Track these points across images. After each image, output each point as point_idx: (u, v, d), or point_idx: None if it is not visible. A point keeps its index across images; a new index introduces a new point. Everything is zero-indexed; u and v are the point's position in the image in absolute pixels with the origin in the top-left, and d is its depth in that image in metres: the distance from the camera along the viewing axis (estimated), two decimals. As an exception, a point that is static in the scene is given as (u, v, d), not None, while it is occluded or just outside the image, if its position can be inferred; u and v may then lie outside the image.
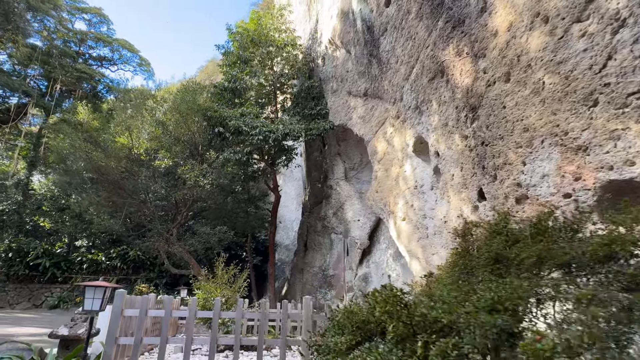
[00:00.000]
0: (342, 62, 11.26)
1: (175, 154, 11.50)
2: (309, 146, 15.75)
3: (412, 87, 7.17)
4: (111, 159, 10.87)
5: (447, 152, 6.15)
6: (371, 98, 9.75)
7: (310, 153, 15.93)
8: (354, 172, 12.96)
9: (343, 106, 11.54)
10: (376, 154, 9.44)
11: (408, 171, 7.78)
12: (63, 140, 11.09)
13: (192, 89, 11.66)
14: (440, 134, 6.29)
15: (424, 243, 7.01)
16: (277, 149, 13.90)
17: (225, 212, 14.23)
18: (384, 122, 9.03)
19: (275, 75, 13.77)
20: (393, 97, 8.26)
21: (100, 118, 11.53)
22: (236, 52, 12.99)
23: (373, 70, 9.04)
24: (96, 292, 4.18)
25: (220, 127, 11.31)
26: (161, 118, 11.75)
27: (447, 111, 5.97)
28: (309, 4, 15.97)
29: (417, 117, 7.27)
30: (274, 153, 13.96)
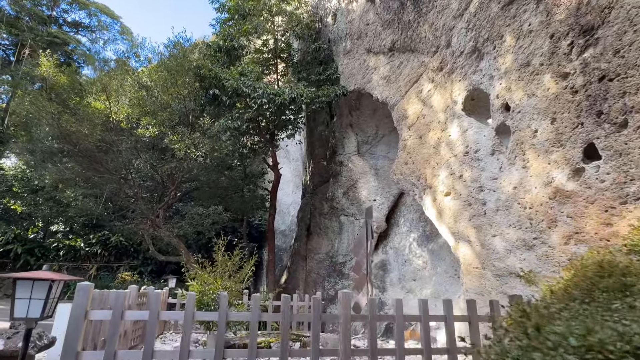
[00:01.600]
0: (360, 14, 9.60)
1: (161, 121, 9.76)
2: (312, 120, 14.09)
3: (469, 24, 5.62)
4: (84, 124, 9.01)
5: (526, 102, 4.65)
6: (399, 52, 8.18)
7: (313, 128, 14.28)
8: (368, 146, 11.43)
9: (360, 67, 9.93)
10: (405, 118, 7.91)
11: (454, 135, 6.29)
12: (22, 98, 9.13)
13: (182, 46, 9.87)
14: (516, 78, 4.79)
15: (480, 222, 5.58)
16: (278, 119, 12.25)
17: (219, 191, 12.56)
18: (418, 79, 7.49)
19: (278, 34, 11.99)
20: (435, 45, 6.70)
21: (69, 74, 9.63)
22: (234, 5, 11.14)
23: (406, 16, 7.44)
24: (35, 290, 2.59)
25: (216, 89, 9.57)
26: (145, 80, 9.95)
27: (533, 44, 4.46)
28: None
29: (473, 64, 5.76)
30: (275, 124, 12.29)
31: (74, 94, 9.61)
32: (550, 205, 4.32)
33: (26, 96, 8.84)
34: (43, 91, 8.69)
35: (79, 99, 9.78)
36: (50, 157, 10.29)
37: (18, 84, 9.78)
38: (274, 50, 13.05)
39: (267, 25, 11.31)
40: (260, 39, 13.17)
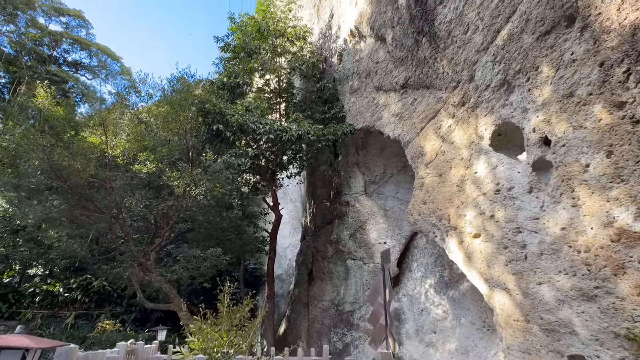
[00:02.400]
0: (368, 53, 9.58)
1: (160, 157, 9.24)
2: (314, 159, 13.72)
3: (496, 57, 5.42)
4: (77, 159, 8.41)
5: (571, 135, 4.29)
6: (413, 89, 8.00)
7: (315, 167, 13.90)
8: (375, 186, 10.99)
9: (369, 105, 9.74)
10: (422, 156, 7.54)
11: (482, 172, 5.88)
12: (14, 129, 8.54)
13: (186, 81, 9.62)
14: (557, 110, 4.47)
15: (520, 268, 4.99)
16: (280, 158, 11.85)
17: (217, 232, 11.77)
18: (435, 115, 7.22)
19: (281, 73, 11.94)
20: (455, 80, 6.49)
21: (66, 106, 9.18)
22: (239, 44, 11.13)
23: (421, 53, 7.32)
24: None
25: (219, 124, 9.20)
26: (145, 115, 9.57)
27: (578, 74, 4.18)
28: (316, 4, 14.58)
29: (502, 98, 5.48)
30: (277, 163, 11.87)
31: (69, 127, 9.13)
32: (614, 249, 3.80)
33: (18, 128, 8.31)
34: (37, 123, 8.20)
35: (74, 133, 9.28)
36: (36, 194, 9.53)
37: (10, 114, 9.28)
38: (276, 89, 12.97)
39: (272, 64, 11.25)
40: (263, 79, 13.14)
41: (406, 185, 10.51)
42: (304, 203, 16.87)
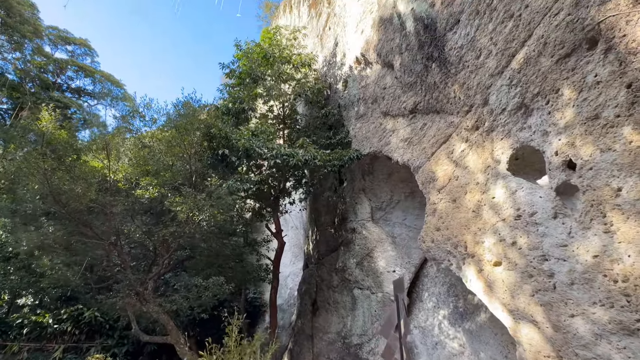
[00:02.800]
0: (375, 79, 9.63)
1: (163, 182, 9.02)
2: (319, 185, 13.55)
3: (512, 80, 5.36)
4: (79, 183, 8.17)
5: (599, 158, 4.14)
6: (422, 114, 7.95)
7: (318, 194, 13.68)
8: (382, 212, 10.75)
9: (376, 130, 9.68)
10: (434, 181, 7.38)
11: (500, 197, 5.69)
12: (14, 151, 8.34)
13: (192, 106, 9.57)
14: (582, 132, 4.34)
15: (549, 299, 4.71)
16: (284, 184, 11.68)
17: (219, 260, 11.33)
18: (447, 139, 7.12)
19: (286, 99, 11.97)
20: (467, 104, 6.43)
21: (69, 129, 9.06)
22: (245, 70, 11.21)
23: (431, 78, 7.32)
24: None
25: (225, 149, 9.07)
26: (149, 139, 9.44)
27: (603, 96, 4.08)
28: (320, 34, 14.91)
29: (519, 121, 5.38)
30: (280, 189, 11.68)
31: (72, 150, 8.96)
32: (657, 277, 3.56)
33: (20, 151, 8.14)
34: (39, 146, 8.03)
35: (76, 157, 9.11)
36: (33, 220, 9.20)
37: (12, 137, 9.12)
38: (279, 115, 12.99)
39: (277, 90, 11.29)
40: (266, 104, 13.18)
41: (414, 211, 10.29)
42: (306, 230, 16.53)
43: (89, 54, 23.85)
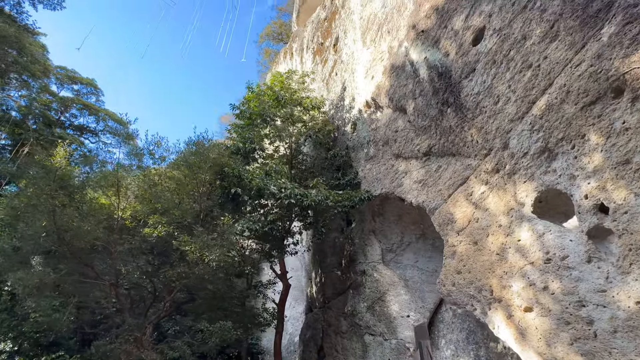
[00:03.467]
0: (386, 122, 9.88)
1: (173, 220, 8.81)
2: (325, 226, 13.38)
3: (534, 125, 5.53)
4: (88, 220, 7.92)
5: (634, 202, 4.18)
6: (437, 157, 8.08)
7: (325, 234, 13.49)
8: (392, 254, 10.57)
9: (387, 172, 9.77)
10: (452, 222, 7.34)
11: (526, 240, 5.65)
12: (26, 188, 8.08)
13: (204, 145, 9.62)
14: (613, 177, 4.42)
15: (590, 347, 4.53)
16: (290, 225, 11.53)
17: (225, 302, 10.77)
18: (465, 181, 7.19)
19: (294, 140, 12.15)
20: (486, 148, 6.57)
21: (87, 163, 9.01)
22: (257, 110, 11.45)
23: (446, 122, 7.53)
24: None
25: (238, 187, 9.01)
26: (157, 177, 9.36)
27: (633, 142, 4.20)
28: (326, 79, 15.49)
29: (543, 165, 5.47)
30: (287, 230, 11.50)
31: (82, 188, 8.79)
32: None
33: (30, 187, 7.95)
34: (50, 181, 7.86)
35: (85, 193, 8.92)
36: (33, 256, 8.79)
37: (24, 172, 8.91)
38: (285, 155, 13.11)
39: (287, 131, 11.49)
40: (272, 145, 13.33)
41: (426, 253, 10.15)
42: (308, 272, 16.11)
43: (95, 93, 24.33)
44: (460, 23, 7.08)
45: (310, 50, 19.65)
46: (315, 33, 19.54)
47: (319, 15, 20.07)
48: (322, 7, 20.24)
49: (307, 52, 21.12)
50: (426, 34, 8.06)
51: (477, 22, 6.64)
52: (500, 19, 6.13)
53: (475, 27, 6.68)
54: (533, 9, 5.51)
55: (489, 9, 6.40)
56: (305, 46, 22.34)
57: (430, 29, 7.92)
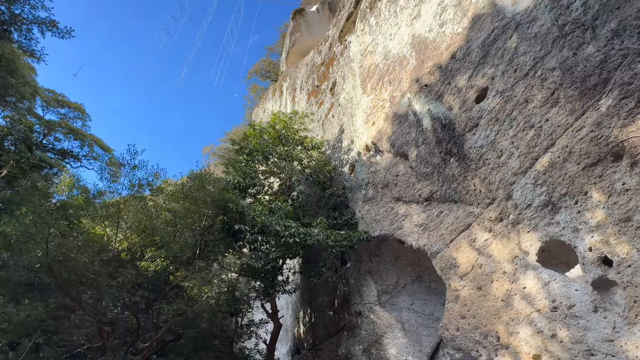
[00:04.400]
0: (386, 166, 10.29)
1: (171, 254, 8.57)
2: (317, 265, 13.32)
3: (537, 180, 6.00)
4: (85, 252, 7.57)
5: (636, 256, 4.59)
6: (439, 202, 8.46)
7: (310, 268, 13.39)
8: (388, 296, 10.63)
9: (387, 214, 10.06)
10: (455, 267, 7.60)
11: (531, 288, 5.95)
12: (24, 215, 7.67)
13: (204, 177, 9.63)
14: (615, 232, 4.85)
15: (600, 396, 4.72)
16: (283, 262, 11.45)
17: (216, 341, 10.24)
18: (467, 227, 7.54)
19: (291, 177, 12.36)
20: (489, 197, 6.99)
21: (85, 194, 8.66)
22: (259, 148, 11.67)
23: (449, 170, 7.99)
24: None
25: (240, 224, 8.99)
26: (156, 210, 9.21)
27: (633, 202, 4.68)
28: (322, 120, 16.04)
29: (546, 217, 5.90)
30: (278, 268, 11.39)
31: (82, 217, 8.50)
32: None
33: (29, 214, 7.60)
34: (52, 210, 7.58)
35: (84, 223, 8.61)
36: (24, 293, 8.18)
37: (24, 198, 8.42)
38: (281, 191, 13.25)
39: (288, 169, 11.72)
40: (267, 180, 13.48)
41: (422, 296, 10.28)
42: (295, 311, 15.75)
43: (82, 118, 23.92)
44: (464, 82, 7.74)
45: (305, 91, 20.39)
46: (310, 75, 20.43)
47: (313, 59, 21.09)
48: (317, 52, 21.33)
49: (301, 92, 21.89)
50: (429, 88, 8.71)
51: (480, 83, 7.29)
52: (502, 82, 6.78)
53: (479, 87, 7.32)
54: (534, 77, 6.16)
55: (491, 72, 7.07)
56: (299, 87, 23.19)
57: (434, 84, 8.57)
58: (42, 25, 12.63)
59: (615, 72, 4.96)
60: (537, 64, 6.10)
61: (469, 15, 7.82)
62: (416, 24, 9.83)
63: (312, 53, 22.25)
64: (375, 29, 12.39)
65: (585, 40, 5.36)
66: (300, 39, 48.44)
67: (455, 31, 8.17)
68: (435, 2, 9.09)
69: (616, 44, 4.96)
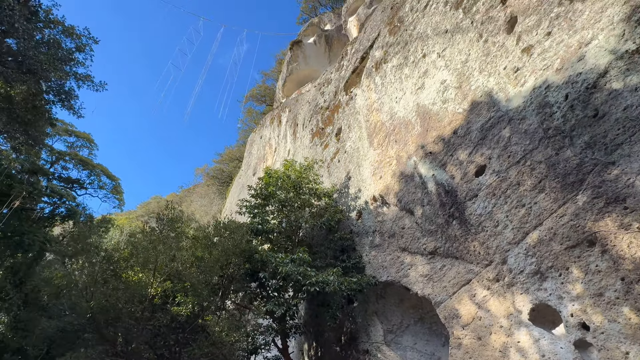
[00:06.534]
0: (393, 218, 11.49)
1: (200, 300, 9.43)
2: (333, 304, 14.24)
3: (528, 251, 7.26)
4: (134, 299, 8.35)
5: (608, 326, 5.83)
6: (442, 257, 9.65)
7: (323, 311, 14.34)
8: (392, 335, 11.65)
9: (393, 262, 11.20)
10: (457, 317, 8.74)
11: (524, 342, 7.13)
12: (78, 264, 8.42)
13: (232, 226, 10.64)
14: (591, 304, 6.10)
15: None
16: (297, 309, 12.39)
17: None
18: (468, 282, 8.73)
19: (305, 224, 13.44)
20: (487, 260, 8.22)
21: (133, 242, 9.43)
22: (278, 197, 12.78)
23: (451, 231, 9.22)
24: None
25: (264, 271, 9.98)
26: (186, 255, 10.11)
27: (604, 281, 5.95)
28: (327, 163, 17.25)
29: (536, 283, 7.13)
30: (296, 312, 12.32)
31: (126, 267, 9.34)
32: None
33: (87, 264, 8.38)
34: (104, 260, 8.39)
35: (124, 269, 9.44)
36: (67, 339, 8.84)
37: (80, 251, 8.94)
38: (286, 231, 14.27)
39: (302, 216, 12.81)
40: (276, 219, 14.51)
41: (424, 337, 11.34)
42: (300, 343, 16.53)
43: (89, 147, 24.71)
44: (465, 156, 9.08)
45: (309, 130, 21.64)
46: (314, 116, 21.70)
47: (316, 101, 22.47)
48: (320, 93, 22.78)
49: (304, 130, 23.12)
50: (434, 155, 10.03)
51: (479, 160, 8.63)
52: (498, 164, 8.12)
53: (478, 164, 8.65)
54: (525, 165, 7.51)
55: (489, 153, 8.42)
56: (301, 123, 24.48)
57: (438, 153, 9.91)
58: (80, 80, 13.62)
59: (589, 176, 6.31)
60: (527, 154, 7.46)
61: (468, 99, 9.23)
62: (420, 94, 11.24)
63: (315, 94, 23.66)
64: (381, 89, 13.82)
65: (564, 144, 6.74)
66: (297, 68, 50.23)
67: (456, 110, 9.57)
68: (438, 79, 10.53)
69: (589, 154, 6.33)
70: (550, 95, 7.04)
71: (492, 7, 9.03)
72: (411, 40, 12.47)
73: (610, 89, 6.08)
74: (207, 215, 63.39)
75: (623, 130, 5.86)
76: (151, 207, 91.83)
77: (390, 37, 13.91)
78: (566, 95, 6.73)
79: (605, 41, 6.23)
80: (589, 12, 6.63)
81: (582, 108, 6.45)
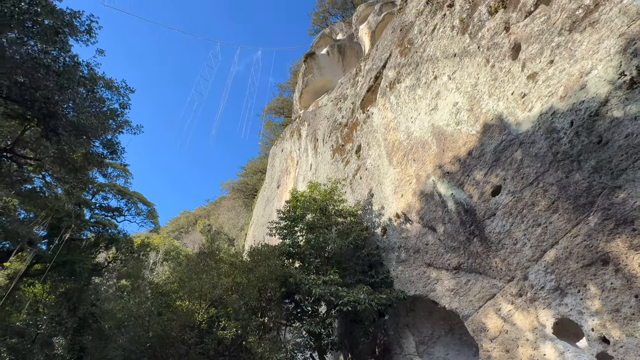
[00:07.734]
0: (417, 234, 12.02)
1: (242, 324, 10.31)
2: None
3: (547, 269, 7.68)
4: (186, 327, 9.38)
5: (626, 340, 6.22)
6: (466, 272, 10.12)
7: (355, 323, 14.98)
8: (424, 346, 12.16)
9: (420, 277, 11.73)
10: (485, 331, 9.20)
11: (550, 355, 7.54)
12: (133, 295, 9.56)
13: (265, 251, 11.51)
14: (610, 319, 6.49)
15: None
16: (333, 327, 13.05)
17: None
18: (493, 297, 9.17)
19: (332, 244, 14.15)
20: (509, 275, 8.66)
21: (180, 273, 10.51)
22: (307, 220, 13.60)
23: (473, 247, 9.69)
24: None
25: (297, 292, 10.78)
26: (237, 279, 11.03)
27: (619, 298, 6.35)
28: (349, 180, 17.91)
29: (557, 298, 7.55)
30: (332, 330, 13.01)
31: (176, 298, 10.39)
32: None
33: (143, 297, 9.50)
34: (157, 294, 9.45)
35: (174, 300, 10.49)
36: None
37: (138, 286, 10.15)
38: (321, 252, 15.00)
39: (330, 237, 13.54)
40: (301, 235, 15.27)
41: (455, 347, 11.79)
42: (335, 356, 17.19)
43: (124, 176, 26.56)
44: (481, 177, 9.56)
45: (329, 147, 22.38)
46: (334, 132, 22.43)
47: (334, 116, 23.20)
48: (337, 109, 23.51)
49: (324, 145, 23.87)
50: (451, 175, 10.54)
51: (495, 181, 9.10)
52: (513, 185, 8.57)
53: (493, 184, 9.12)
54: (538, 187, 7.95)
55: (503, 174, 8.88)
56: (321, 139, 25.25)
57: (455, 173, 10.41)
58: (119, 126, 15.03)
59: (598, 198, 6.73)
60: (539, 177, 7.90)
61: (480, 122, 9.72)
62: (434, 115, 11.77)
63: (333, 110, 24.37)
64: (396, 108, 14.41)
65: (573, 168, 7.17)
66: (312, 80, 51.19)
67: (470, 132, 10.07)
68: (450, 102, 11.05)
69: (596, 178, 6.75)
70: (556, 121, 7.49)
71: (497, 33, 9.51)
72: (422, 62, 13.03)
73: (612, 117, 6.50)
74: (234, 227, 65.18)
75: (626, 157, 6.27)
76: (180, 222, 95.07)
77: (402, 58, 14.50)
78: (571, 122, 7.17)
79: (604, 72, 6.67)
80: (587, 43, 7.07)
81: (587, 134, 6.88)
